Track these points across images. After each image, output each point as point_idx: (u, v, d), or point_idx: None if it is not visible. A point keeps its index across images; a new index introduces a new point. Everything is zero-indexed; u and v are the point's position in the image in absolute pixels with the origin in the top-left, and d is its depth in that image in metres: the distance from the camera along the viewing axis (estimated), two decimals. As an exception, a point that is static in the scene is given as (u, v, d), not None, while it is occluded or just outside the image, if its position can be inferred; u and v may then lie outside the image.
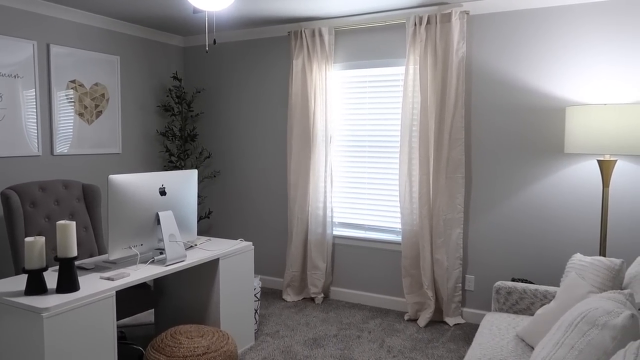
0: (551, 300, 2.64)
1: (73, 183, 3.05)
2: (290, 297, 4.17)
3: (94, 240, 3.07)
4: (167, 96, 4.72)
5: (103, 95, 4.06)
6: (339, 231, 4.20)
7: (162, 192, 2.57)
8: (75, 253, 2.13)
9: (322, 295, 4.13)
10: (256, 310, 3.28)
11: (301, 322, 3.65)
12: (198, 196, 3.46)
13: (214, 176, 4.77)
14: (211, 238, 3.09)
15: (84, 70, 3.90)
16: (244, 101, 4.57)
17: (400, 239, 3.86)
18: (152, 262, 2.50)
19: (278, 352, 3.08)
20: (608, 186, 2.97)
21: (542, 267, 3.45)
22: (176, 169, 4.65)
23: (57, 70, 3.69)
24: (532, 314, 2.70)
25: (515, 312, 2.75)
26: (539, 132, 3.42)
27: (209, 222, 4.85)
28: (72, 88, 3.81)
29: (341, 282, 4.19)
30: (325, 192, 4.09)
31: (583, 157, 3.28)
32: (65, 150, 3.78)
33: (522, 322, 2.54)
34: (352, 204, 4.16)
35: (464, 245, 3.70)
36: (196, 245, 2.88)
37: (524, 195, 3.48)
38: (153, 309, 3.37)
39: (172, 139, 4.66)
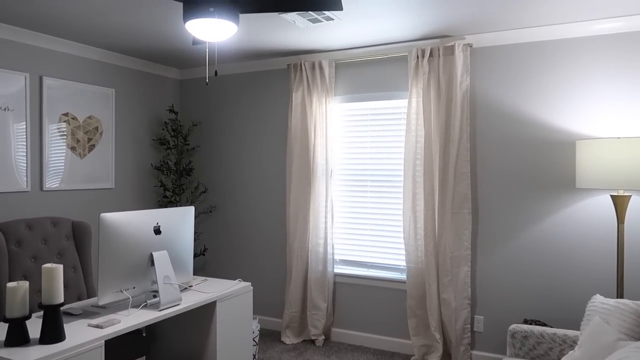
0: (571, 345, 2.48)
1: (62, 220, 2.90)
2: (289, 339, 3.96)
3: (82, 282, 2.89)
4: (163, 129, 4.62)
5: (97, 128, 3.95)
6: (340, 269, 4.03)
7: (157, 231, 2.43)
8: (61, 300, 1.97)
9: (323, 337, 3.93)
10: (254, 355, 3.08)
11: None
12: (194, 233, 3.33)
13: (210, 212, 4.63)
14: (207, 278, 2.93)
15: (78, 103, 3.80)
16: (241, 134, 4.48)
17: (405, 277, 3.70)
18: (145, 306, 2.33)
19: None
20: (623, 222, 2.86)
21: (556, 307, 3.30)
22: (171, 204, 4.51)
23: (49, 103, 3.58)
24: (552, 361, 2.53)
25: (532, 358, 2.58)
26: (548, 166, 3.33)
27: (204, 260, 4.67)
28: (64, 121, 3.70)
29: (343, 323, 4.00)
30: (325, 228, 3.95)
31: (596, 192, 3.18)
32: (56, 186, 3.63)
33: (542, 370, 2.37)
34: (354, 241, 4.01)
35: (471, 284, 3.55)
36: (192, 286, 2.71)
37: (534, 232, 3.36)
38: (144, 356, 3.18)
39: (167, 173, 4.54)
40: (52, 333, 1.93)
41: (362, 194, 3.97)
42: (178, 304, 2.38)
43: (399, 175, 3.82)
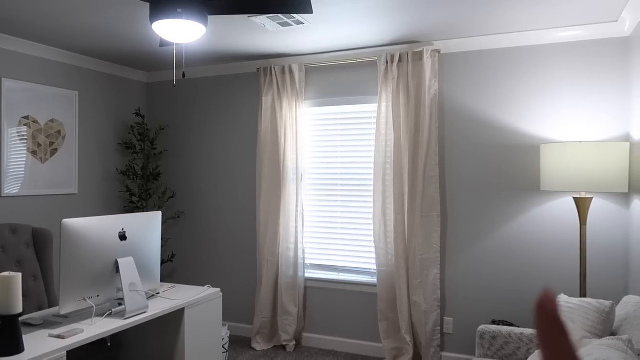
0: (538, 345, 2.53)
1: (22, 227, 2.78)
2: (259, 345, 3.91)
3: (43, 291, 2.78)
4: (129, 133, 4.51)
5: (59, 132, 3.83)
6: (311, 273, 4.02)
7: (122, 237, 2.36)
8: (19, 310, 1.88)
9: (294, 342, 3.89)
10: None
11: None
12: (161, 239, 3.25)
13: (178, 217, 4.54)
14: (175, 285, 2.86)
15: (39, 106, 3.67)
16: (210, 139, 4.41)
17: (376, 280, 3.71)
18: (110, 314, 2.26)
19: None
20: (585, 224, 2.94)
21: (522, 308, 3.36)
22: (137, 210, 4.40)
23: (8, 106, 3.45)
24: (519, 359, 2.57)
25: (501, 358, 2.62)
26: (514, 170, 3.40)
27: (172, 266, 4.57)
28: (25, 124, 3.57)
29: (314, 327, 3.98)
30: (296, 232, 3.93)
31: (559, 194, 3.27)
32: (15, 191, 3.50)
33: (510, 370, 2.41)
34: (324, 245, 4.00)
35: (441, 287, 3.58)
36: (159, 293, 2.64)
37: (501, 234, 3.43)
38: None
39: (133, 178, 4.43)
40: (10, 344, 1.84)
41: (332, 197, 3.97)
42: (145, 312, 2.31)
43: (369, 179, 3.84)
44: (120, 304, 2.35)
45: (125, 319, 2.21)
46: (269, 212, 3.98)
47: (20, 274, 1.89)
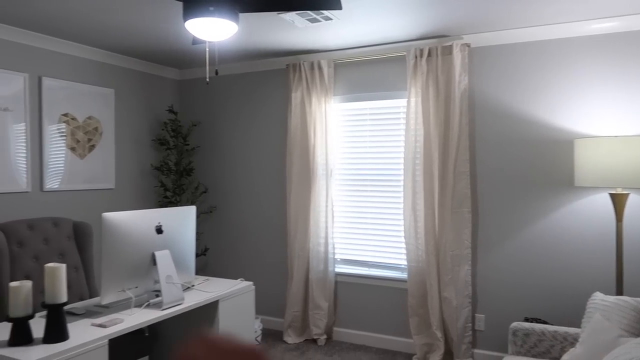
0: (572, 342, 2.50)
1: (63, 221, 2.90)
2: (291, 338, 3.97)
3: (84, 282, 2.89)
4: (163, 129, 4.63)
5: (96, 128, 3.96)
6: (341, 268, 4.05)
7: (159, 230, 2.44)
8: (64, 299, 1.97)
9: (325, 336, 3.94)
10: None
11: None
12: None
13: (211, 212, 4.63)
14: (209, 278, 2.94)
15: (77, 104, 3.80)
16: (241, 134, 4.49)
17: (406, 276, 3.72)
18: (148, 305, 2.34)
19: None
20: (621, 220, 2.88)
21: (556, 305, 3.31)
22: (171, 205, 4.51)
23: (48, 104, 3.59)
24: (553, 358, 2.55)
25: (534, 356, 2.60)
26: (547, 165, 3.34)
27: (206, 260, 4.67)
28: (64, 121, 3.70)
29: (345, 322, 4.01)
30: (326, 227, 3.96)
31: (594, 190, 3.20)
32: (56, 186, 3.64)
33: (543, 367, 2.38)
34: (354, 240, 4.02)
35: (472, 283, 3.56)
36: (194, 286, 2.72)
37: (534, 230, 3.38)
38: (147, 356, 3.18)
39: (167, 173, 4.54)
40: (56, 332, 1.93)
41: (362, 193, 3.99)
42: (180, 303, 2.39)
43: (399, 174, 3.83)
44: (157, 296, 2.43)
45: (162, 309, 2.28)
46: (299, 208, 4.03)
47: (64, 265, 1.98)
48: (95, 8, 2.95)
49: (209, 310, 2.62)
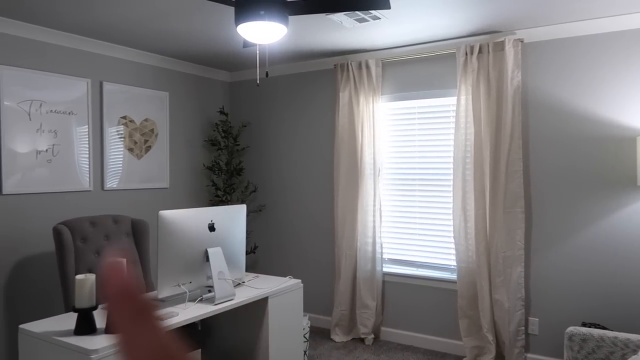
0: (634, 349, 2.38)
1: (122, 218, 3.05)
2: (338, 337, 3.99)
3: (142, 277, 3.04)
4: (214, 130, 4.76)
5: (152, 130, 4.13)
6: (389, 268, 4.03)
7: (211, 228, 2.52)
8: (124, 291, 2.07)
9: (373, 335, 3.93)
10: (305, 352, 3.13)
11: None
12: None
13: (260, 210, 4.73)
14: (259, 275, 3.00)
15: (135, 107, 3.98)
16: (289, 134, 4.55)
17: (456, 277, 3.65)
18: (201, 300, 2.43)
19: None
20: (690, 221, 2.71)
21: (616, 311, 3.16)
22: (222, 203, 4.64)
23: (109, 107, 3.78)
24: (612, 365, 2.43)
25: (592, 362, 2.49)
26: (606, 164, 3.20)
27: (255, 257, 4.77)
28: (122, 124, 3.89)
29: (392, 322, 3.99)
30: (374, 227, 3.96)
31: (658, 189, 3.03)
32: (115, 185, 3.83)
33: (602, 374, 2.29)
34: (403, 240, 3.99)
35: (525, 285, 3.45)
36: (244, 282, 2.79)
37: (593, 231, 3.24)
38: (200, 349, 3.29)
39: (218, 173, 4.67)
40: None
41: (410, 192, 3.95)
42: (232, 299, 2.46)
43: (448, 174, 3.77)
44: (210, 291, 2.51)
45: (215, 304, 2.36)
46: (347, 207, 4.04)
47: (125, 259, 2.08)
48: (151, 16, 3.08)
49: (259, 307, 2.68)
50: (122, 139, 3.89)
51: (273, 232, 4.65)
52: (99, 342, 1.91)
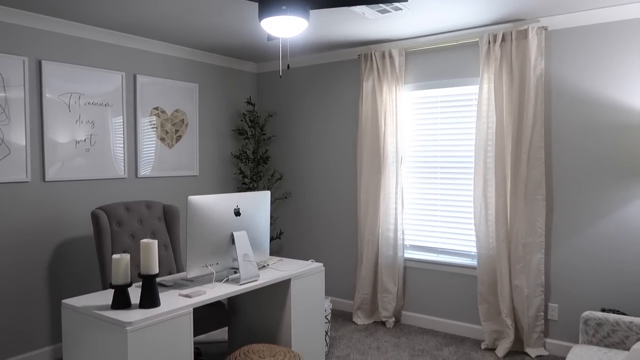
0: (649, 334, 2.41)
1: (155, 204, 3.23)
2: (360, 319, 4.11)
3: (172, 259, 3.21)
4: (241, 120, 4.91)
5: (182, 120, 4.30)
6: (410, 254, 4.11)
7: (237, 213, 2.65)
8: (156, 270, 2.22)
9: (394, 319, 4.04)
10: (327, 332, 3.26)
11: (372, 346, 3.59)
12: (270, 217, 3.56)
13: (285, 197, 4.87)
14: (283, 258, 3.13)
15: (166, 98, 4.15)
16: (314, 124, 4.65)
17: (476, 263, 3.71)
18: (227, 280, 2.57)
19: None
20: None
21: (636, 297, 3.16)
22: (249, 191, 4.80)
23: (142, 98, 3.96)
24: (627, 349, 2.47)
25: (606, 346, 2.53)
26: (628, 152, 3.18)
27: (280, 243, 4.93)
28: (155, 114, 4.06)
29: (413, 306, 4.08)
30: (396, 214, 4.04)
31: (681, 177, 3.01)
32: (148, 173, 4.02)
33: (615, 357, 2.33)
34: (424, 227, 4.06)
35: (545, 272, 3.48)
36: (268, 265, 2.93)
37: (615, 219, 3.23)
38: (227, 327, 3.47)
39: (245, 161, 4.83)
40: (150, 299, 2.18)
41: (432, 180, 4.01)
42: (256, 280, 2.59)
43: (470, 161, 3.81)
44: (235, 272, 2.65)
45: (240, 284, 2.50)
46: (369, 194, 4.13)
47: (156, 241, 2.23)
48: (182, 11, 3.22)
49: (282, 288, 2.81)
50: (155, 129, 4.07)
51: (298, 218, 4.79)
52: (134, 316, 2.06)
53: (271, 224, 4.96)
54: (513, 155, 3.48)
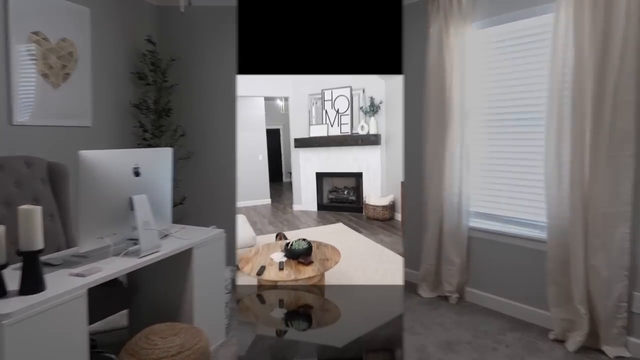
0: None
1: (36, 160, 4.30)
2: (425, 292, 6.23)
3: (61, 231, 4.40)
4: (141, 62, 6.63)
5: (71, 53, 5.72)
6: (475, 222, 5.85)
7: (136, 173, 3.95)
8: (41, 245, 2.92)
9: (457, 295, 5.95)
10: (226, 304, 4.87)
11: (435, 321, 5.50)
12: (173, 179, 4.89)
13: (189, 157, 6.74)
14: (186, 226, 4.65)
15: (49, 21, 5.44)
16: (222, 73, 6.41)
17: (546, 236, 5.05)
18: (126, 254, 3.83)
19: (413, 349, 4.67)
20: None
21: None
22: (150, 147, 6.50)
23: (16, 19, 5.11)
24: None
25: None
26: None
27: (184, 209, 6.73)
28: (34, 41, 5.34)
29: (477, 282, 5.82)
30: (461, 176, 5.79)
31: None
32: (27, 120, 5.26)
33: None
34: (489, 191, 5.76)
35: (631, 251, 4.57)
36: (171, 233, 4.39)
37: None
38: (127, 310, 4.77)
39: (145, 112, 6.64)
40: (32, 283, 2.85)
41: (499, 137, 5.66)
42: (158, 251, 3.95)
43: (541, 111, 5.17)
44: (135, 244, 3.95)
45: (140, 257, 3.80)
46: (435, 155, 5.93)
47: (40, 207, 2.95)
48: None
49: (183, 259, 4.31)
50: (35, 62, 5.34)
51: (202, 181, 6.63)
52: (12, 305, 2.70)
53: (174, 188, 6.20)
54: (594, 99, 4.63)
